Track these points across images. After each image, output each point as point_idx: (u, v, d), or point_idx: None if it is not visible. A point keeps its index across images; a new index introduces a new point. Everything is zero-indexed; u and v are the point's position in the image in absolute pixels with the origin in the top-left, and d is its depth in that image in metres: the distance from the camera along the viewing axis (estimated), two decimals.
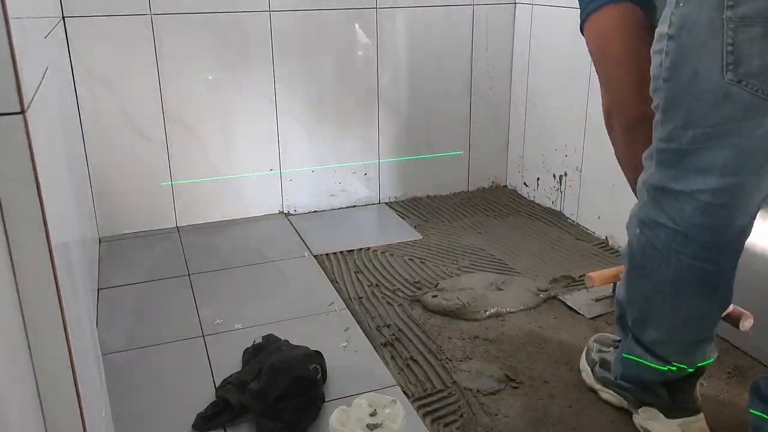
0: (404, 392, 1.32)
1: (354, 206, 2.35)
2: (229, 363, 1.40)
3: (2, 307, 0.60)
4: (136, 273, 1.85)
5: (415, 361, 1.43)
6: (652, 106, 1.01)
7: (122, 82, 1.97)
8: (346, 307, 1.65)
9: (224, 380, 1.32)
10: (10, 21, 0.59)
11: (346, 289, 1.76)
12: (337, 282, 1.79)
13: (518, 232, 2.10)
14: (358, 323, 1.58)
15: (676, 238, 1.01)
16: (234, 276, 1.83)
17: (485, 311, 1.60)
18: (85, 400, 0.73)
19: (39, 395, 0.68)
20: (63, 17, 1.85)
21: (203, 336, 1.53)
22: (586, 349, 1.38)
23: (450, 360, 1.43)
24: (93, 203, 2.02)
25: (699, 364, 1.14)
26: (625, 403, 1.25)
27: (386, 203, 2.38)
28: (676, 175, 0.99)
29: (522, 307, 1.63)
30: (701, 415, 1.16)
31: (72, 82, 1.90)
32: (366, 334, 1.53)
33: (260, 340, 1.41)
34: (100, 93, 1.95)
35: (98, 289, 1.75)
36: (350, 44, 2.19)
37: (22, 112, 0.61)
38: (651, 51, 0.99)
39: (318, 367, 1.32)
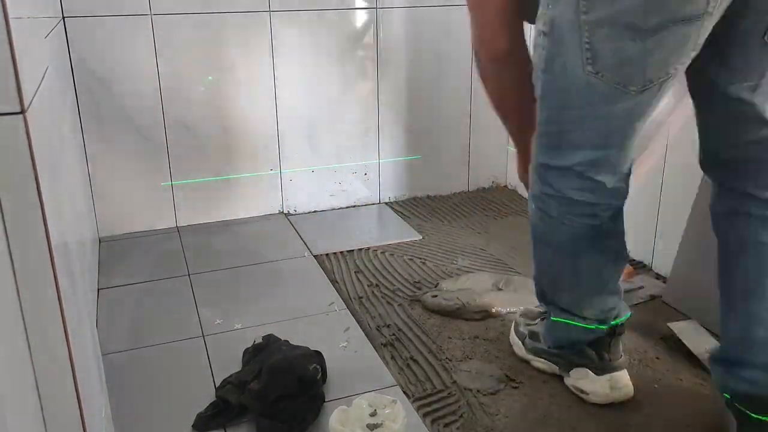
0: (404, 392, 1.32)
1: (354, 206, 2.35)
2: (229, 363, 1.40)
3: (2, 308, 0.60)
4: (136, 273, 1.85)
5: (415, 361, 1.43)
6: (534, 94, 1.14)
7: (122, 82, 1.97)
8: (346, 307, 1.65)
9: (224, 380, 1.32)
10: (10, 21, 0.59)
11: (346, 289, 1.76)
12: (337, 282, 1.79)
13: (518, 232, 2.10)
14: (358, 323, 1.58)
15: (563, 202, 1.17)
16: (234, 276, 1.83)
17: (485, 311, 1.60)
18: (85, 400, 0.74)
19: (39, 395, 0.68)
20: (63, 17, 1.85)
21: (203, 336, 1.53)
22: (514, 323, 1.49)
23: (450, 360, 1.43)
24: (93, 203, 2.02)
25: (613, 322, 1.27)
26: (556, 369, 1.35)
27: (386, 203, 2.38)
28: (557, 153, 1.14)
29: (522, 307, 1.63)
30: (625, 371, 1.29)
31: (72, 82, 1.90)
32: (366, 334, 1.53)
33: (260, 340, 1.41)
34: (100, 93, 1.95)
35: (98, 289, 1.75)
36: (350, 44, 2.19)
37: (22, 112, 0.61)
38: (532, 44, 1.12)
39: (318, 367, 1.32)
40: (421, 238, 2.08)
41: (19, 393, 0.63)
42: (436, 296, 1.65)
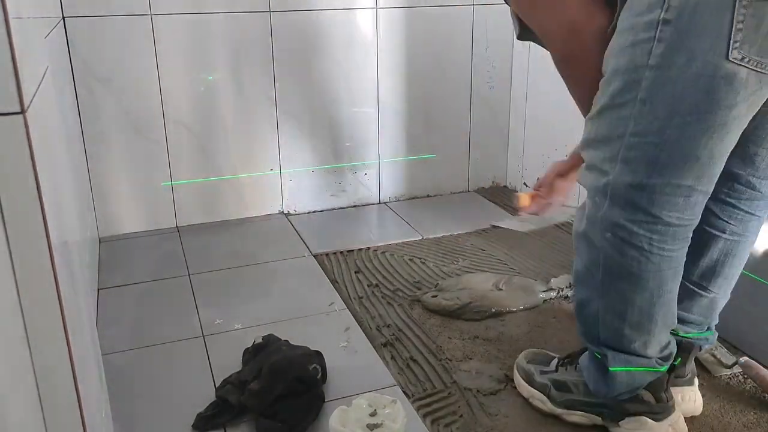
0: (404, 392, 1.32)
1: (354, 206, 2.35)
2: (229, 363, 1.40)
3: (2, 307, 0.60)
4: (136, 273, 1.85)
5: (415, 361, 1.43)
6: (619, 102, 0.99)
7: (122, 82, 1.97)
8: (346, 307, 1.65)
9: (224, 380, 1.32)
10: (10, 21, 0.59)
11: (346, 289, 1.75)
12: (337, 282, 1.79)
13: (518, 232, 2.10)
14: (358, 323, 1.58)
15: (658, 230, 1.01)
16: (234, 276, 1.83)
17: (485, 311, 1.60)
18: (85, 400, 0.73)
19: (39, 395, 0.68)
20: (63, 17, 1.85)
21: (203, 336, 1.53)
22: (521, 374, 1.31)
23: (450, 360, 1.43)
24: (93, 203, 2.02)
25: (675, 362, 1.16)
26: (598, 420, 1.20)
27: (386, 203, 2.38)
28: (654, 169, 0.98)
29: (522, 307, 1.63)
30: (679, 411, 1.18)
31: (72, 82, 1.90)
32: (366, 334, 1.53)
33: (260, 340, 1.41)
34: (100, 93, 1.95)
35: (98, 289, 1.75)
36: (350, 44, 2.19)
37: (22, 112, 0.61)
38: (627, 44, 0.97)
39: (318, 367, 1.32)
40: (421, 238, 2.08)
41: (19, 393, 0.63)
42: (436, 296, 1.65)
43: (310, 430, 1.22)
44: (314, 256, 1.94)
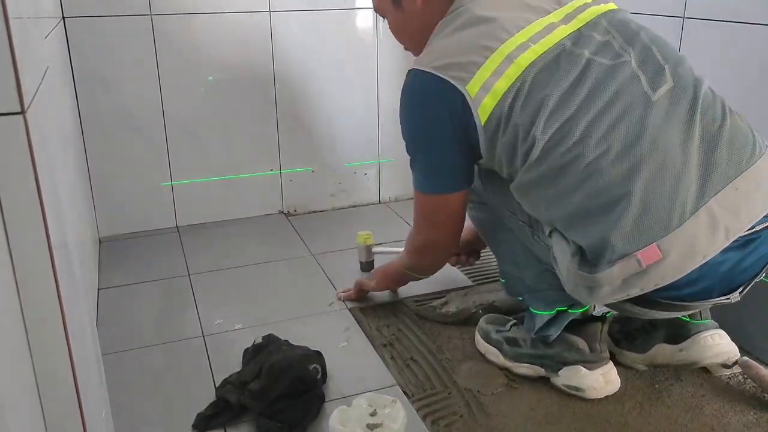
0: (404, 392, 1.32)
1: (354, 206, 2.35)
2: (229, 363, 1.40)
3: (2, 308, 0.60)
4: (136, 273, 1.85)
5: (415, 361, 1.43)
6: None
7: (122, 82, 1.97)
8: (346, 307, 1.65)
9: (224, 380, 1.32)
10: (10, 21, 0.59)
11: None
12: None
13: None
14: (357, 323, 1.58)
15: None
16: (234, 276, 1.83)
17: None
18: (85, 400, 0.74)
19: (39, 395, 0.68)
20: (63, 17, 1.85)
21: (203, 336, 1.53)
22: (480, 333, 1.46)
23: (450, 360, 1.43)
24: (93, 203, 2.02)
25: (606, 313, 1.32)
26: (542, 372, 1.34)
27: (386, 203, 2.38)
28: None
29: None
30: (612, 363, 1.31)
31: (72, 82, 1.90)
32: (366, 334, 1.53)
33: (260, 340, 1.41)
34: (100, 93, 1.95)
35: (98, 289, 1.75)
36: (350, 44, 2.19)
37: (22, 112, 0.61)
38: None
39: (318, 367, 1.32)
40: None
41: (19, 393, 0.63)
42: (435, 308, 1.62)
43: (310, 430, 1.22)
44: (314, 256, 1.94)
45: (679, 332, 1.33)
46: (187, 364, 1.43)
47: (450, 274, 1.82)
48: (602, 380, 1.29)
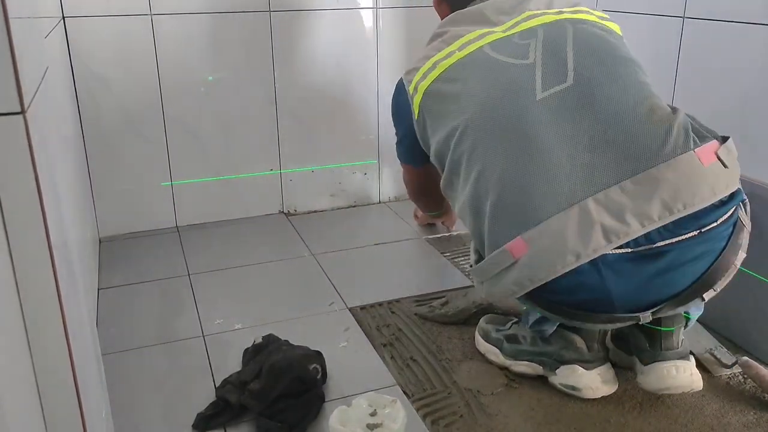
0: (404, 392, 1.32)
1: (354, 206, 2.35)
2: (229, 363, 1.40)
3: (2, 307, 0.60)
4: (136, 273, 1.85)
5: (415, 361, 1.43)
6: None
7: (122, 82, 1.97)
8: (346, 307, 1.65)
9: (224, 380, 1.32)
10: (10, 21, 0.59)
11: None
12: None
13: None
14: (358, 323, 1.58)
15: None
16: (234, 276, 1.83)
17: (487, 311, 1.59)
18: (85, 400, 0.74)
19: (39, 395, 0.68)
20: (63, 17, 1.85)
21: (203, 336, 1.53)
22: (480, 333, 1.46)
23: (450, 360, 1.43)
24: (93, 203, 2.02)
25: None
26: (540, 370, 1.34)
27: (386, 203, 2.38)
28: None
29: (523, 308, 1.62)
30: (610, 364, 1.31)
31: (72, 82, 1.90)
32: (366, 334, 1.53)
33: (260, 340, 1.41)
34: (100, 93, 1.95)
35: (98, 289, 1.75)
36: (350, 44, 2.19)
37: (22, 112, 0.61)
38: None
39: (318, 367, 1.32)
40: (420, 238, 2.08)
41: (19, 393, 0.63)
42: (433, 309, 1.62)
43: (309, 429, 1.22)
44: (314, 256, 1.94)
45: (645, 354, 1.26)
46: (187, 364, 1.43)
47: (450, 274, 1.83)
48: (599, 380, 1.28)
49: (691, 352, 1.35)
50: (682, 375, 1.23)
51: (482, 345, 1.44)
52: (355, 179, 2.34)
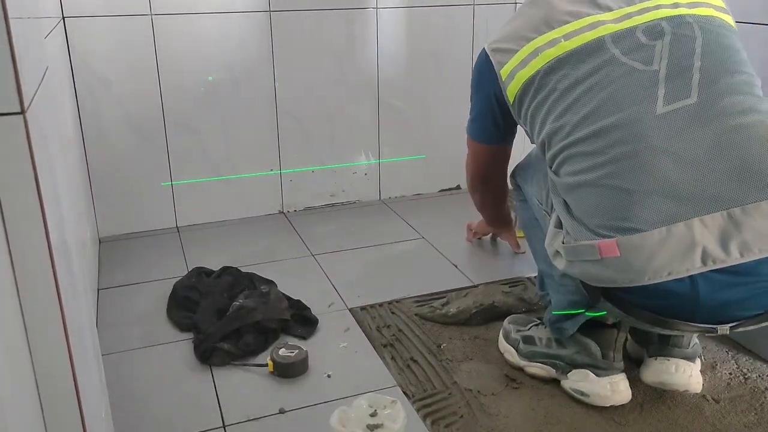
0: (404, 393, 1.32)
1: (354, 206, 2.35)
2: None
3: (2, 307, 0.60)
4: (136, 273, 1.85)
5: (415, 361, 1.43)
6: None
7: (122, 82, 1.97)
8: (346, 307, 1.65)
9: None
10: (10, 21, 0.59)
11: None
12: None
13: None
14: (358, 323, 1.58)
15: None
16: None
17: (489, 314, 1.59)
18: (85, 400, 0.73)
19: (39, 395, 0.68)
20: (63, 17, 1.85)
21: None
22: (502, 332, 1.47)
23: (450, 360, 1.43)
24: (93, 203, 2.02)
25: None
26: (553, 372, 1.34)
27: (386, 203, 2.38)
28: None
29: (524, 309, 1.62)
30: (624, 375, 1.28)
31: (72, 82, 1.90)
32: (366, 335, 1.53)
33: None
34: (100, 93, 1.95)
35: (98, 289, 1.75)
36: (350, 44, 2.19)
37: (22, 112, 0.61)
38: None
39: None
40: (421, 238, 2.08)
41: (19, 393, 0.63)
42: (434, 309, 1.62)
43: (309, 425, 1.22)
44: (314, 257, 1.94)
45: (653, 347, 1.29)
46: (187, 364, 1.43)
47: (450, 275, 1.82)
48: (609, 389, 1.26)
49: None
50: (680, 374, 1.24)
51: (502, 344, 1.45)
52: (355, 179, 2.34)
